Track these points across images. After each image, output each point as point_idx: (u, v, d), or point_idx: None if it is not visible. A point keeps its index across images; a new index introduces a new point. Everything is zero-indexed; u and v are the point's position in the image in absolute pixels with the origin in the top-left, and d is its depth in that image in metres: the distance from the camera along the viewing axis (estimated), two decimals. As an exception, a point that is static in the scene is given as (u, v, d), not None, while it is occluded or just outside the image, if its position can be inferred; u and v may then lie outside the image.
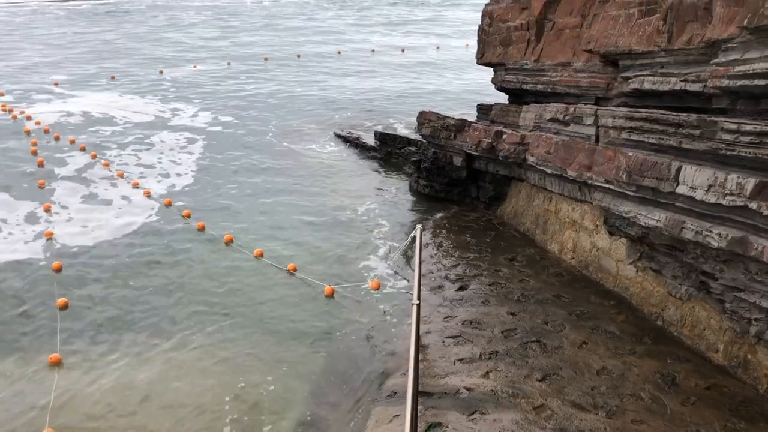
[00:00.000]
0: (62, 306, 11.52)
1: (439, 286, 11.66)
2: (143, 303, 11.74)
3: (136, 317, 11.27)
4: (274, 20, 58.05)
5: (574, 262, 12.34)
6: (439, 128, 16.10)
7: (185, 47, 43.10)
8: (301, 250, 13.98)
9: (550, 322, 10.06)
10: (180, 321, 11.15)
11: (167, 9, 65.67)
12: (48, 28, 50.76)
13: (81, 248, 13.93)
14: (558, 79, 13.53)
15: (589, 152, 11.35)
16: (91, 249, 13.94)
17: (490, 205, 15.71)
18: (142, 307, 11.62)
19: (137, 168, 19.41)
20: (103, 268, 13.05)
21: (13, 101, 27.38)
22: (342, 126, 24.33)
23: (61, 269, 12.89)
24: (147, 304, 11.69)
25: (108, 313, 11.41)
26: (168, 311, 11.46)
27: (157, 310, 11.48)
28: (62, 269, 12.89)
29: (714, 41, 8.72)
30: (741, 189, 7.92)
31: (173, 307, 11.61)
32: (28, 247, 13.89)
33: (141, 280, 12.57)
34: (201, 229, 14.92)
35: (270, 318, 11.24)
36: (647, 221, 9.59)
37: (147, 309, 11.53)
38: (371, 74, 35.00)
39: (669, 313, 9.88)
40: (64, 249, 13.86)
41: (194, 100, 28.37)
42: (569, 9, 13.55)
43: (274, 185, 18.22)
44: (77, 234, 14.67)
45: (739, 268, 8.17)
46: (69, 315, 11.31)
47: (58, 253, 13.63)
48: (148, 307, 11.59)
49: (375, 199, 17.34)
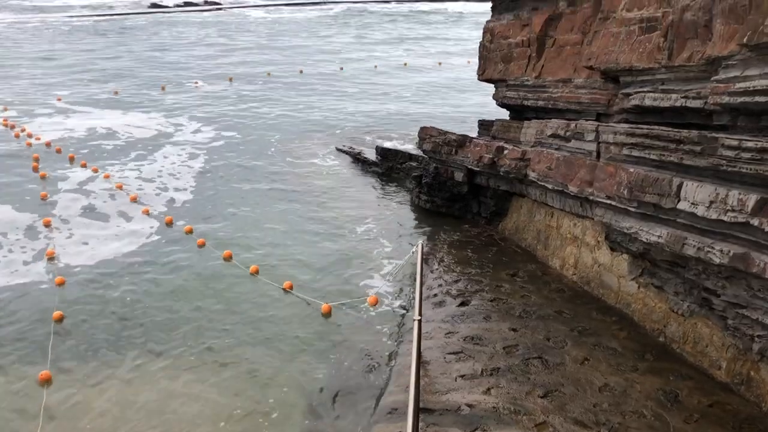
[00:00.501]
0: (58, 318, 11.48)
1: (441, 302, 11.62)
2: (138, 321, 11.65)
3: (131, 335, 11.17)
4: (276, 37, 58.44)
5: (576, 277, 12.31)
6: (441, 143, 16.14)
7: (188, 63, 43.37)
8: (301, 266, 13.96)
9: (552, 339, 10.02)
10: (175, 339, 11.04)
11: (171, 25, 66.17)
12: (52, 44, 51.13)
13: (81, 266, 13.89)
14: (559, 95, 13.58)
15: (591, 168, 11.36)
16: (91, 266, 13.91)
17: (492, 221, 15.70)
18: (137, 325, 11.53)
19: (138, 182, 19.47)
20: (101, 286, 13.00)
21: (17, 116, 27.55)
22: (344, 141, 24.41)
23: (63, 284, 12.87)
24: (142, 323, 11.59)
25: (103, 330, 11.33)
26: (164, 330, 11.36)
27: (153, 329, 11.38)
28: (64, 285, 12.87)
29: (714, 58, 8.75)
30: (742, 205, 7.91)
31: (169, 325, 11.51)
32: (28, 268, 13.82)
33: (138, 298, 12.50)
34: (201, 245, 14.89)
35: (268, 336, 11.16)
36: (649, 237, 9.57)
37: (142, 327, 11.43)
38: (373, 90, 35.18)
39: (671, 329, 9.84)
40: (64, 267, 13.82)
41: (196, 116, 28.50)
42: (570, 26, 13.63)
43: (275, 200, 18.24)
44: (78, 251, 14.64)
45: (741, 285, 8.14)
46: (64, 332, 11.24)
47: (58, 271, 13.60)
48: (143, 326, 11.49)
49: (376, 214, 17.34)
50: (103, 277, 13.37)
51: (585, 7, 13.05)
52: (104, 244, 15.02)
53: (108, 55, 46.03)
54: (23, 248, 14.76)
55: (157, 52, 48.32)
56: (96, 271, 13.66)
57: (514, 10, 15.54)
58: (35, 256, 14.36)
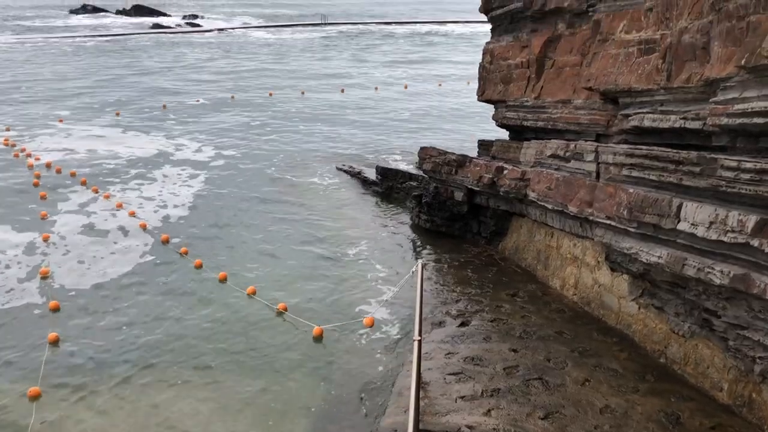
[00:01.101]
0: (53, 340, 11.38)
1: (440, 322, 11.58)
2: (131, 341, 11.53)
3: (123, 355, 11.05)
4: (278, 58, 58.88)
5: (576, 298, 12.28)
6: (441, 163, 16.18)
7: (189, 83, 43.65)
8: (298, 287, 13.87)
9: (553, 359, 9.97)
10: (167, 360, 10.93)
11: (173, 46, 66.71)
12: (54, 65, 51.49)
13: (75, 286, 13.81)
14: (558, 116, 13.64)
15: (590, 188, 11.39)
16: (85, 285, 13.83)
17: (492, 241, 15.70)
18: (129, 345, 11.42)
19: (138, 201, 19.50)
20: (95, 305, 12.91)
21: (18, 136, 27.67)
22: (344, 161, 24.48)
23: (59, 309, 12.76)
24: (135, 343, 11.48)
25: (95, 350, 11.22)
26: (156, 350, 11.25)
27: (145, 349, 11.27)
28: (59, 308, 12.77)
29: (713, 80, 8.81)
30: (742, 226, 7.91)
31: (161, 346, 11.40)
32: (23, 286, 13.75)
33: (132, 319, 12.40)
34: (198, 266, 14.85)
35: (264, 358, 11.03)
36: (649, 258, 9.56)
37: (136, 349, 11.30)
38: (373, 110, 35.36)
39: (672, 350, 9.79)
40: (59, 287, 13.75)
41: (198, 136, 28.62)
42: (569, 47, 13.73)
43: (274, 220, 18.23)
44: (73, 270, 14.57)
45: (742, 306, 8.12)
46: (57, 352, 11.14)
47: (52, 290, 13.52)
48: (135, 346, 11.37)
49: (375, 233, 17.34)
50: (97, 297, 13.28)
51: (584, 29, 13.15)
52: (100, 264, 14.97)
53: (110, 75, 46.34)
54: (20, 266, 14.73)
55: (158, 72, 48.66)
56: (90, 291, 13.57)
57: (513, 32, 15.67)
58: (30, 274, 14.32)
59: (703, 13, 9.23)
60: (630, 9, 11.20)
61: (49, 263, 14.84)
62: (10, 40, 70.67)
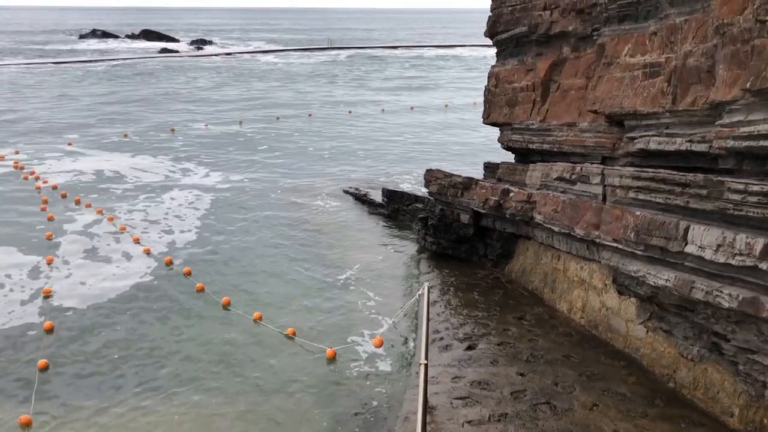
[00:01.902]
0: (42, 367, 11.21)
1: (447, 346, 11.51)
2: (132, 367, 11.42)
3: (122, 382, 10.91)
4: (285, 81, 59.40)
5: (584, 321, 12.19)
6: (446, 186, 16.20)
7: (198, 107, 44.03)
8: (304, 310, 13.83)
9: (560, 383, 9.88)
10: (165, 385, 10.79)
11: (183, 70, 67.43)
12: (64, 88, 52.07)
13: (75, 307, 13.78)
14: (564, 139, 13.67)
15: (597, 211, 11.37)
16: (85, 308, 13.79)
17: (498, 263, 15.65)
18: (128, 370, 11.30)
19: (143, 224, 19.54)
20: (93, 329, 12.83)
21: (27, 159, 27.91)
22: (350, 183, 24.54)
23: (53, 330, 12.68)
24: (136, 369, 11.37)
25: (92, 375, 11.10)
26: (158, 377, 11.10)
27: (146, 376, 11.13)
28: (53, 330, 12.68)
29: (718, 103, 8.82)
30: (750, 249, 7.87)
31: (163, 372, 11.26)
32: (24, 308, 13.73)
33: (132, 342, 12.31)
34: (200, 290, 14.81)
35: (272, 383, 10.93)
36: (656, 281, 9.51)
37: (135, 374, 11.17)
38: (380, 133, 35.53)
39: (681, 374, 9.69)
40: (58, 308, 13.72)
41: (205, 159, 28.79)
42: (574, 71, 13.80)
43: (280, 243, 18.24)
44: (75, 292, 14.56)
45: (752, 330, 8.05)
46: (49, 377, 11.02)
47: (51, 312, 13.46)
48: (136, 372, 11.24)
49: (381, 256, 17.32)
50: (97, 320, 13.22)
51: (589, 53, 13.24)
52: (102, 286, 14.96)
53: (119, 99, 46.80)
54: (23, 289, 14.73)
55: (167, 96, 49.14)
56: (90, 314, 13.51)
57: (518, 56, 15.77)
58: (33, 296, 14.33)
59: (707, 37, 9.29)
60: (634, 33, 11.28)
61: (51, 285, 14.85)
62: (22, 63, 71.64)
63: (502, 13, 15.95)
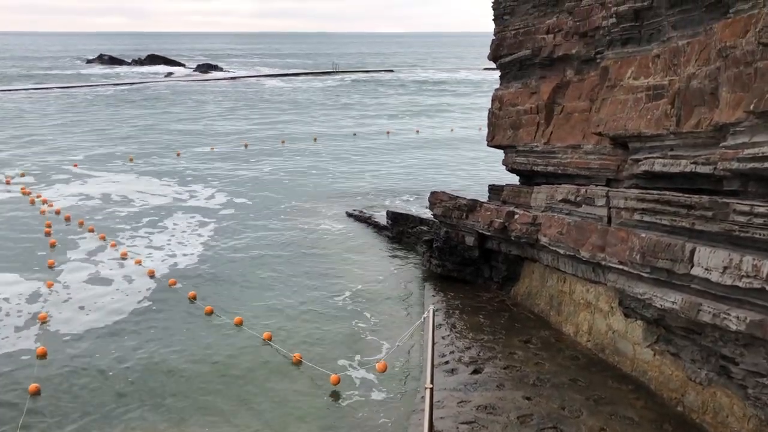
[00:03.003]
0: (34, 391, 11.00)
1: (453, 369, 11.43)
2: (125, 394, 11.20)
3: (115, 410, 10.70)
4: (291, 105, 59.82)
5: (590, 344, 12.10)
6: (451, 208, 16.20)
7: (204, 130, 44.33)
8: (310, 334, 13.75)
9: (567, 408, 9.78)
10: (165, 416, 10.58)
11: (189, 94, 68.02)
12: (71, 112, 52.51)
13: (71, 333, 13.68)
14: (569, 161, 13.68)
15: (602, 233, 11.34)
16: (82, 333, 13.67)
17: (504, 285, 15.58)
18: (123, 398, 11.07)
19: (148, 250, 19.49)
20: (89, 354, 12.68)
21: (34, 183, 28.06)
22: (355, 206, 24.57)
23: (46, 355, 12.52)
24: (136, 395, 11.16)
25: (84, 403, 10.90)
26: (157, 405, 10.88)
27: (145, 403, 10.92)
28: (46, 355, 12.53)
29: (722, 125, 8.83)
30: (757, 271, 7.83)
31: (164, 399, 11.05)
32: (18, 335, 13.59)
33: (130, 369, 12.13)
34: (209, 312, 14.74)
35: (275, 410, 10.80)
36: (663, 303, 9.45)
37: (134, 401, 10.97)
38: (385, 155, 35.66)
39: (689, 398, 9.58)
40: (54, 333, 13.64)
41: (211, 182, 28.90)
42: (577, 93, 13.86)
43: (284, 265, 18.21)
44: (72, 317, 14.45)
45: (760, 353, 7.97)
46: (39, 405, 10.83)
47: (46, 338, 13.33)
48: (136, 399, 11.04)
49: (386, 278, 17.26)
50: (91, 346, 13.08)
51: (592, 76, 13.29)
52: (101, 311, 14.90)
53: (125, 122, 47.15)
54: (20, 314, 14.66)
55: (174, 118, 49.53)
56: (85, 339, 13.41)
57: (522, 79, 15.86)
58: (29, 321, 14.26)
59: (710, 60, 9.32)
60: (637, 56, 11.34)
61: (49, 310, 14.74)
62: (30, 88, 72.38)
63: (506, 37, 16.07)
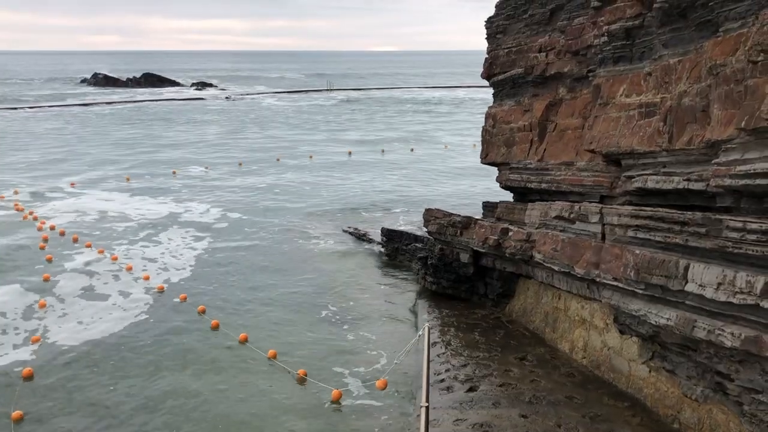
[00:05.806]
0: (17, 419, 10.81)
1: (448, 387, 11.37)
2: (114, 418, 11.02)
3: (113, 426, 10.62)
4: (286, 122, 60.02)
5: (586, 361, 12.07)
6: (446, 225, 16.21)
7: (200, 148, 44.40)
8: (307, 350, 13.73)
9: (564, 425, 9.73)
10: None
11: (186, 112, 68.23)
12: (65, 131, 52.57)
13: (68, 347, 13.63)
14: (562, 178, 13.73)
15: (596, 250, 11.36)
16: (77, 352, 13.55)
17: (499, 302, 15.56)
18: (113, 421, 10.89)
19: (143, 262, 19.55)
20: (78, 376, 12.52)
21: (30, 200, 28.08)
22: (349, 222, 24.58)
23: (32, 376, 12.36)
24: (118, 420, 10.96)
25: (72, 425, 10.75)
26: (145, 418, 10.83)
27: (139, 419, 10.84)
28: (33, 377, 12.37)
29: (714, 142, 8.90)
30: (751, 287, 7.85)
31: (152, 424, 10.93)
32: (8, 353, 13.50)
33: (117, 390, 12.01)
34: (215, 327, 14.76)
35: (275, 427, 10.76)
36: (658, 320, 9.45)
37: (130, 423, 10.83)
38: (379, 173, 35.72)
39: (686, 415, 9.55)
40: (48, 351, 13.53)
41: (206, 199, 28.92)
42: (570, 111, 13.95)
43: (278, 282, 18.18)
44: (65, 336, 14.34)
45: (756, 369, 7.96)
46: (25, 427, 10.68)
47: (40, 355, 13.22)
48: (118, 424, 10.84)
49: (381, 295, 17.23)
50: (81, 368, 12.92)
51: (584, 93, 13.39)
52: (98, 326, 14.86)
53: (121, 141, 47.20)
54: (17, 331, 14.60)
55: (170, 137, 49.62)
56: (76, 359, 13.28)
57: (515, 97, 15.96)
58: (24, 340, 14.18)
59: (701, 77, 9.42)
60: (629, 74, 11.43)
61: (41, 329, 14.63)
62: (28, 106, 72.49)
63: (499, 55, 16.20)
